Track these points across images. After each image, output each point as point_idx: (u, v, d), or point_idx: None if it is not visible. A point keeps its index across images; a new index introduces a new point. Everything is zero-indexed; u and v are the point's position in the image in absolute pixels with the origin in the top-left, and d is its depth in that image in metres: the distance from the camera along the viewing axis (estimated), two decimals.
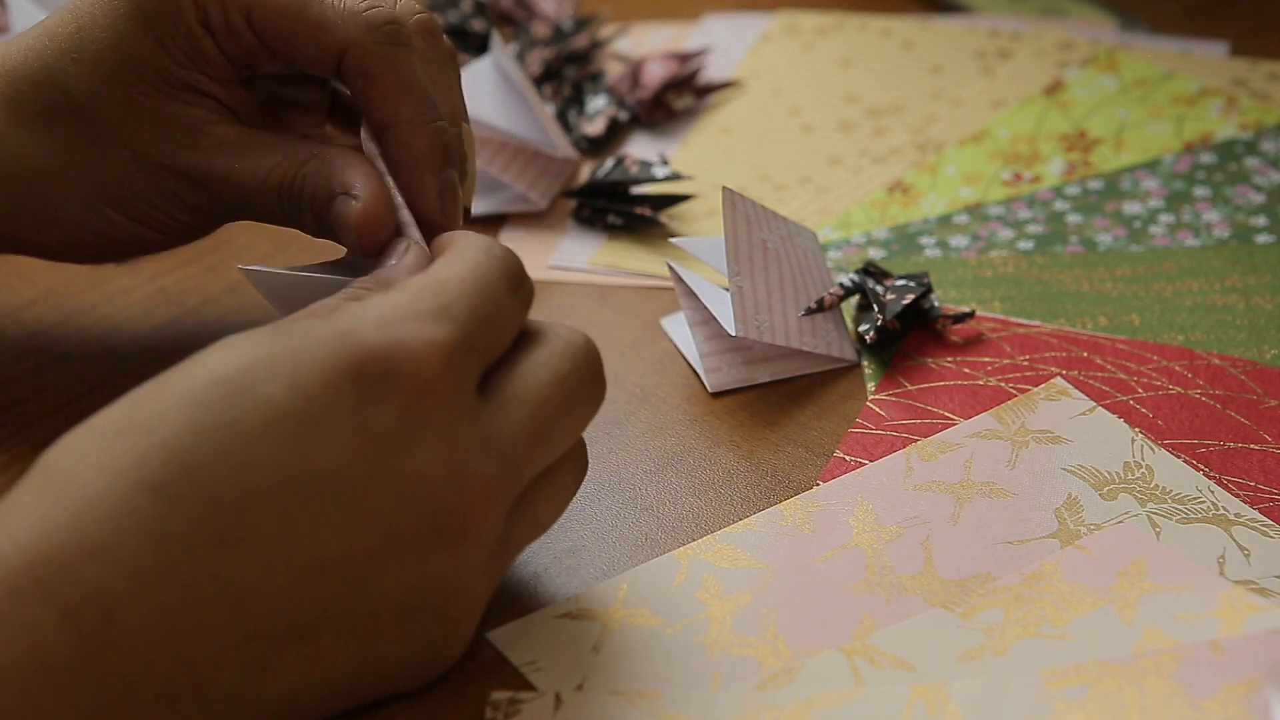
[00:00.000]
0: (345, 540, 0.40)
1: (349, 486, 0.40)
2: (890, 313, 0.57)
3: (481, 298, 0.43)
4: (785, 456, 0.54)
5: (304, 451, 0.39)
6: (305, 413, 0.39)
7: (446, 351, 0.41)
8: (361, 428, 0.40)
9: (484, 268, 0.44)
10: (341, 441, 0.40)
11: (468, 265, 0.44)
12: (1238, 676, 0.42)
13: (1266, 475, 0.51)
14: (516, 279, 0.45)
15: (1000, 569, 0.48)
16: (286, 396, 0.39)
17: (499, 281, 0.44)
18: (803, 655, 0.45)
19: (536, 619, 0.47)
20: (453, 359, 0.41)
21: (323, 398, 0.40)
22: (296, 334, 0.41)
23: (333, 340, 0.40)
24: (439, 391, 0.41)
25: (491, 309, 0.43)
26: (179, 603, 0.38)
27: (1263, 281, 0.61)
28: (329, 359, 0.40)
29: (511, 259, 0.45)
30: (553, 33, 0.80)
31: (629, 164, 0.67)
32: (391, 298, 0.42)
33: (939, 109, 0.75)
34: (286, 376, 0.39)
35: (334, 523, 0.40)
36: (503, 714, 0.43)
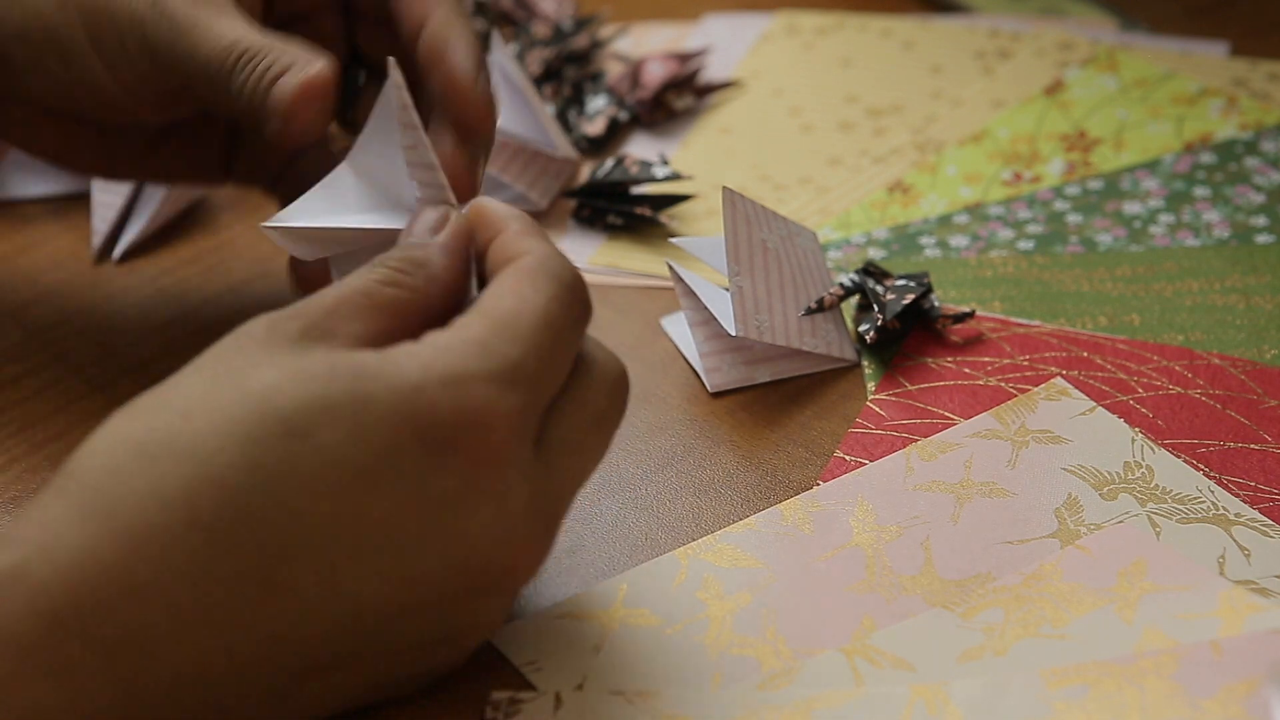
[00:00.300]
0: (386, 593, 0.39)
1: (397, 544, 0.39)
2: (890, 313, 0.57)
3: (553, 344, 0.41)
4: (785, 456, 0.54)
5: (358, 505, 0.38)
6: (364, 467, 0.38)
7: (516, 420, 0.40)
8: (420, 488, 0.39)
9: (557, 304, 0.41)
10: (397, 500, 0.38)
11: (542, 301, 0.41)
12: (1238, 676, 0.42)
13: (1266, 475, 0.51)
14: (583, 310, 0.43)
15: (1000, 569, 0.48)
16: (347, 448, 0.38)
17: (568, 319, 0.42)
18: (803, 655, 0.45)
19: (536, 619, 0.47)
20: (521, 426, 0.40)
21: (384, 454, 0.38)
22: (363, 378, 0.39)
23: (400, 396, 0.38)
24: (502, 459, 0.39)
25: (559, 355, 0.41)
26: (218, 647, 0.37)
27: (1263, 281, 0.61)
28: (394, 415, 0.38)
29: (581, 288, 0.43)
30: (553, 33, 0.80)
31: (629, 164, 0.67)
32: (462, 346, 0.40)
33: (939, 109, 0.75)
34: (349, 426, 0.38)
35: (378, 576, 0.39)
36: (503, 714, 0.43)
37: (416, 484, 0.39)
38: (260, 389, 0.38)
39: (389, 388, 0.38)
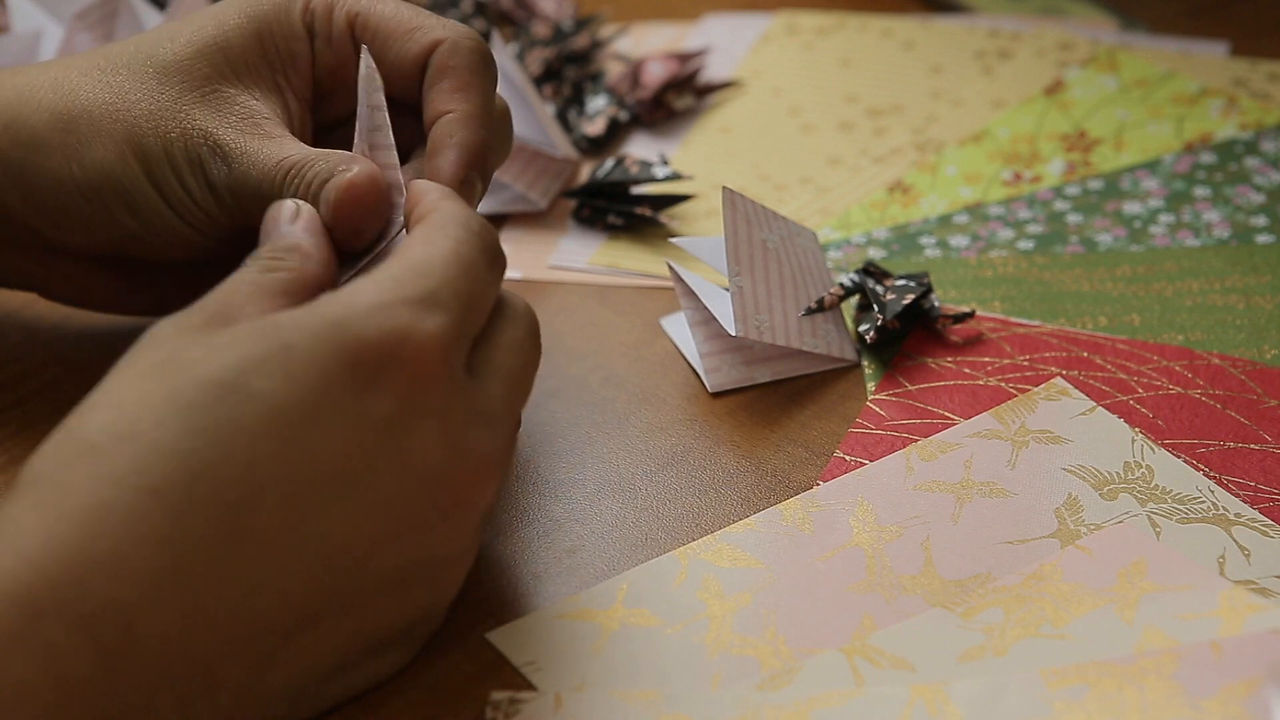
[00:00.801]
0: (350, 527, 0.40)
1: (351, 475, 0.40)
2: (890, 313, 0.57)
3: (466, 279, 0.43)
4: (785, 456, 0.54)
5: (305, 444, 0.39)
6: (303, 406, 0.39)
7: (441, 339, 0.41)
8: (360, 417, 0.40)
9: (466, 246, 0.44)
10: (341, 431, 0.40)
11: (450, 244, 0.44)
12: (1238, 676, 0.42)
13: (1266, 475, 0.51)
14: (494, 254, 0.45)
15: (1000, 569, 0.48)
16: (283, 391, 0.39)
17: (480, 259, 0.44)
18: (803, 655, 0.45)
19: (536, 619, 0.47)
20: (447, 345, 0.41)
21: (319, 390, 0.40)
22: (282, 327, 0.40)
23: (325, 332, 0.40)
24: (436, 376, 0.41)
25: (475, 289, 0.44)
26: (194, 607, 0.38)
27: (1263, 281, 0.61)
28: (323, 351, 0.40)
29: (490, 234, 0.45)
30: (553, 33, 0.80)
31: (629, 164, 0.67)
32: (377, 282, 0.42)
33: (939, 109, 0.75)
34: (280, 372, 0.39)
35: (339, 511, 0.40)
36: (503, 714, 0.43)
37: (355, 412, 0.40)
38: (187, 365, 0.40)
39: (311, 330, 0.40)
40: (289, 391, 0.39)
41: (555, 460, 0.54)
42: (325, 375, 0.40)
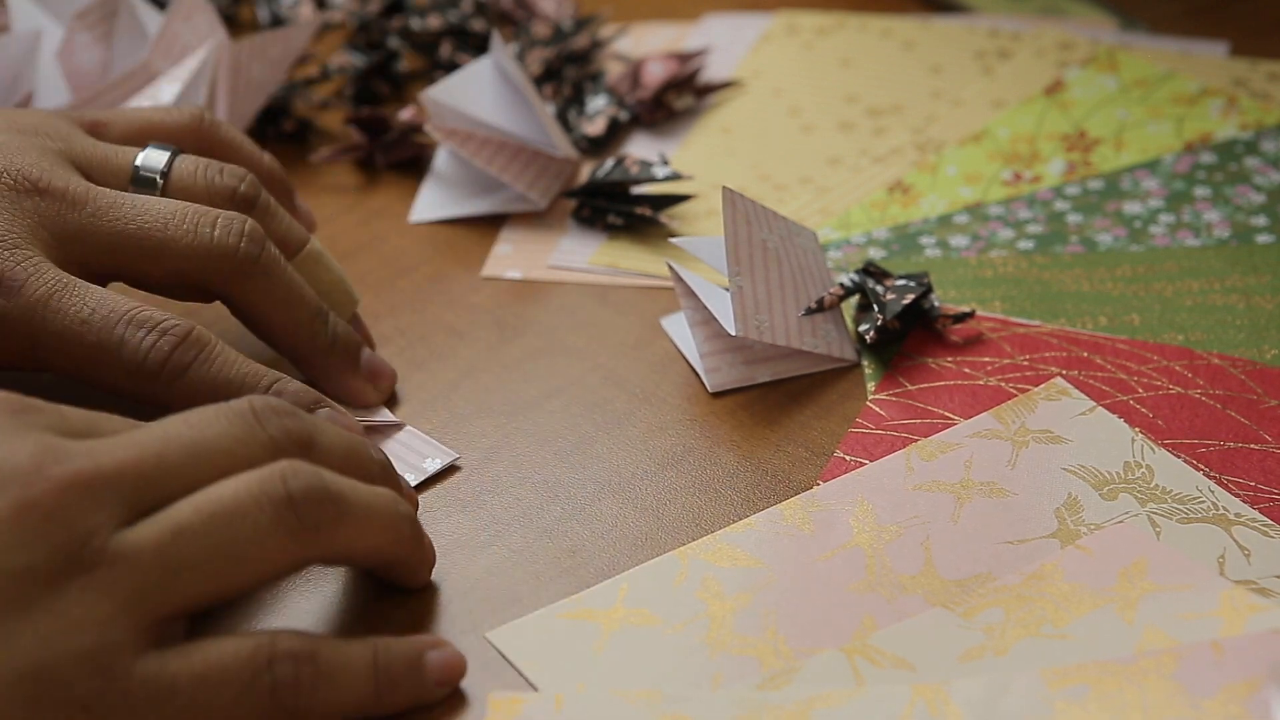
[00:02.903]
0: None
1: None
2: (890, 313, 0.57)
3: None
4: (785, 456, 0.54)
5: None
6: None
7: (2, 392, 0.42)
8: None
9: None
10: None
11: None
12: (1238, 676, 0.42)
13: (1266, 475, 0.51)
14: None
15: (1000, 569, 0.48)
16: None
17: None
18: (803, 655, 0.45)
19: (536, 619, 0.47)
20: (6, 397, 0.42)
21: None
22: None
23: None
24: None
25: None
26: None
27: (1263, 281, 0.61)
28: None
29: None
30: (553, 33, 0.80)
31: (629, 164, 0.67)
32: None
33: (939, 109, 0.75)
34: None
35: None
36: (503, 714, 0.43)
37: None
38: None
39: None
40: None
41: (555, 460, 0.54)
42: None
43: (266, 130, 0.74)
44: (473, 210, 0.68)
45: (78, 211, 0.52)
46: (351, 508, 0.44)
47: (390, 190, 0.70)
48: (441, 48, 0.79)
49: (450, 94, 0.68)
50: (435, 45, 0.80)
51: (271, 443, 0.44)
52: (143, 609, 0.40)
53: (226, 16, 0.83)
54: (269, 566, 0.42)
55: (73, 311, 0.50)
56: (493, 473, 0.53)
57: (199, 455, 0.43)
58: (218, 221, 0.53)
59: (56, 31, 0.69)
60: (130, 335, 0.50)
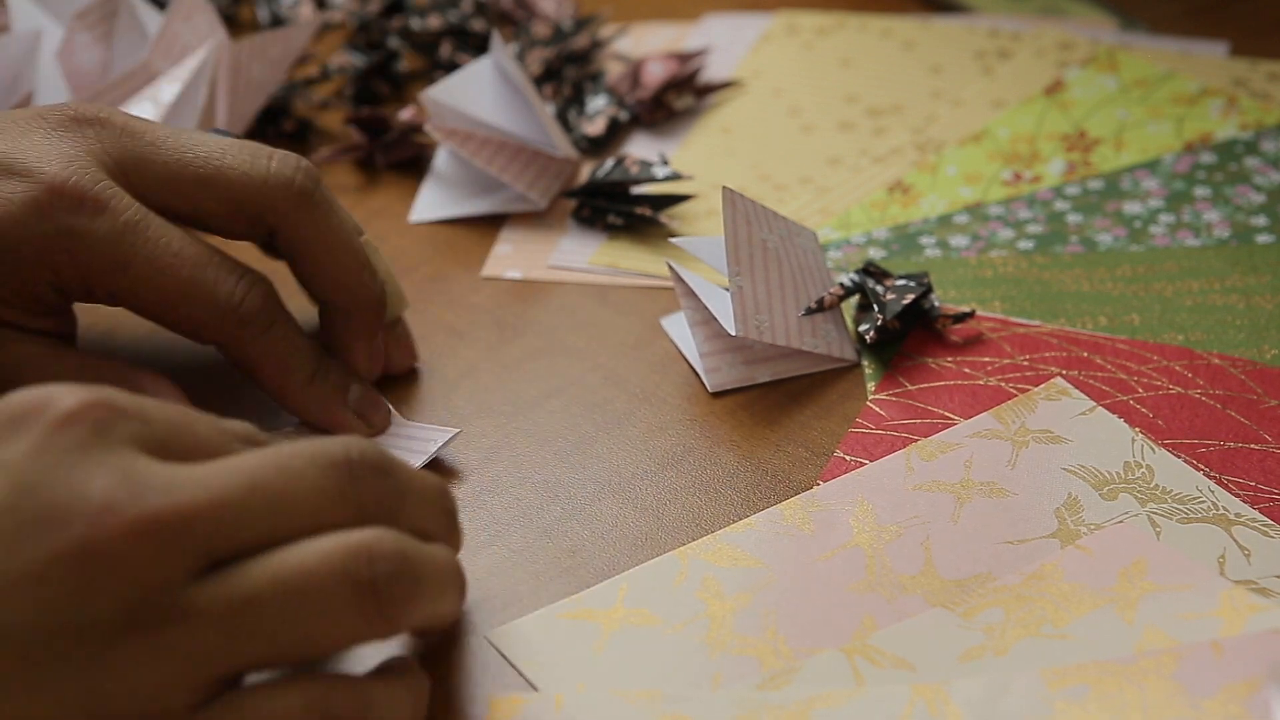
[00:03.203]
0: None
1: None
2: (890, 313, 0.57)
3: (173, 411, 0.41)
4: (785, 456, 0.54)
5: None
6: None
7: (87, 398, 0.39)
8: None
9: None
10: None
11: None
12: (1238, 676, 0.42)
13: (1266, 475, 0.51)
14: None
15: (1000, 569, 0.48)
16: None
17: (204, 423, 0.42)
18: (803, 655, 0.45)
19: (536, 619, 0.47)
20: (93, 404, 0.39)
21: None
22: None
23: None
24: (76, 424, 0.39)
25: (185, 425, 0.41)
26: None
27: (1263, 281, 0.61)
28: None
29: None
30: (553, 33, 0.80)
31: (629, 164, 0.67)
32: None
33: (939, 109, 0.75)
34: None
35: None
36: (503, 714, 0.43)
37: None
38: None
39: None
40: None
41: (555, 460, 0.54)
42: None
43: (266, 130, 0.74)
44: (473, 210, 0.68)
45: (136, 140, 0.51)
46: (427, 588, 0.41)
47: (390, 190, 0.70)
48: (441, 48, 0.79)
49: (450, 94, 0.68)
50: (435, 45, 0.80)
51: (360, 509, 0.41)
52: (202, 672, 0.38)
53: (226, 16, 0.83)
54: (337, 644, 0.40)
55: (164, 242, 0.49)
56: (493, 473, 0.53)
57: (284, 509, 0.40)
58: (275, 154, 0.53)
59: (56, 31, 0.69)
60: (224, 278, 0.50)
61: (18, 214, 0.48)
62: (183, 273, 0.49)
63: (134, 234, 0.49)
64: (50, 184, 0.49)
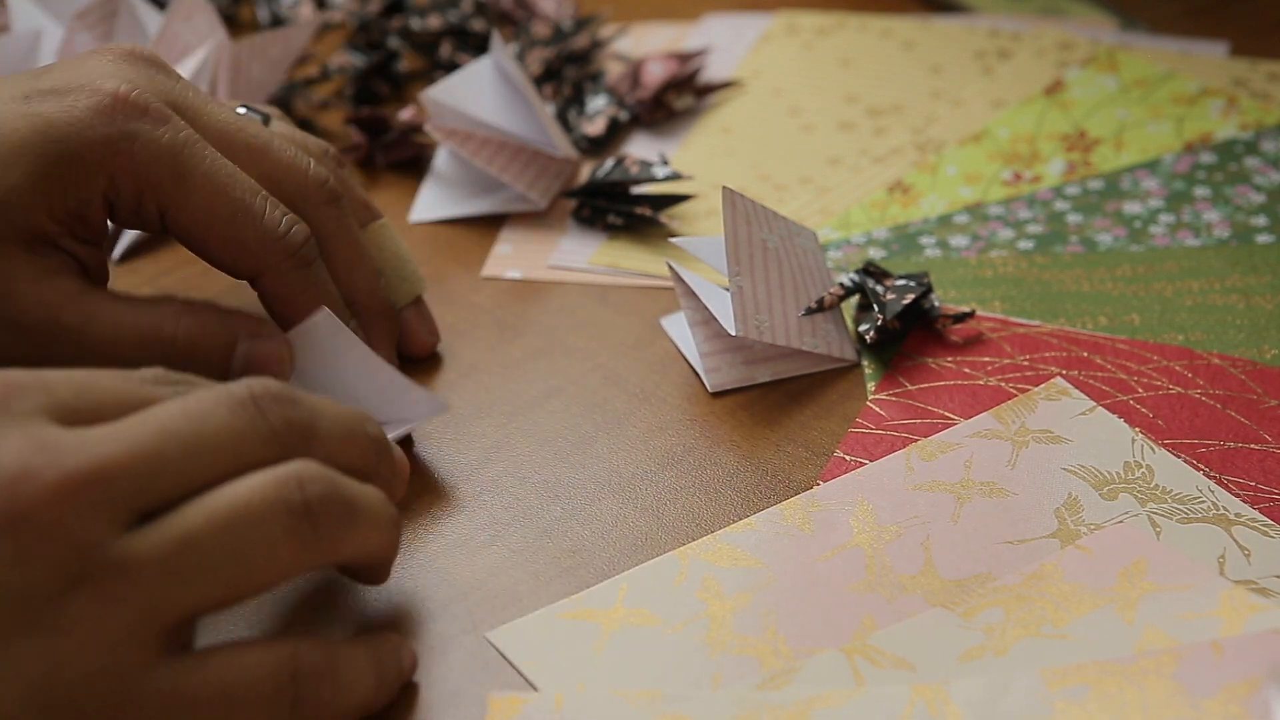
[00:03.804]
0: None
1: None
2: (890, 313, 0.57)
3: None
4: (785, 456, 0.54)
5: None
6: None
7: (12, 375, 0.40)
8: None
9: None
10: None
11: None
12: (1238, 676, 0.42)
13: (1266, 475, 0.51)
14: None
15: (1000, 569, 0.48)
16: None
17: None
18: (803, 655, 0.45)
19: (536, 619, 0.47)
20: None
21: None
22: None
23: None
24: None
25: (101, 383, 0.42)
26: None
27: (1263, 281, 0.61)
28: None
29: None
30: (553, 33, 0.80)
31: (629, 164, 0.67)
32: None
33: (939, 109, 0.75)
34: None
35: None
36: (503, 714, 0.43)
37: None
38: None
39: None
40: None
41: (555, 460, 0.54)
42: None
43: None
44: (473, 210, 0.68)
45: (194, 93, 0.53)
46: (360, 515, 0.42)
47: (390, 190, 0.70)
48: (441, 48, 0.79)
49: (450, 94, 0.68)
50: (435, 45, 0.80)
51: (273, 435, 0.42)
52: (153, 621, 0.39)
53: (226, 16, 0.83)
54: (278, 574, 0.41)
55: (220, 163, 0.51)
56: (493, 473, 0.53)
57: (200, 452, 0.40)
58: (314, 152, 0.55)
59: (56, 31, 0.69)
60: (271, 209, 0.51)
61: (83, 117, 0.49)
62: (235, 193, 0.50)
63: (195, 147, 0.50)
64: (115, 93, 0.50)
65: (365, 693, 0.43)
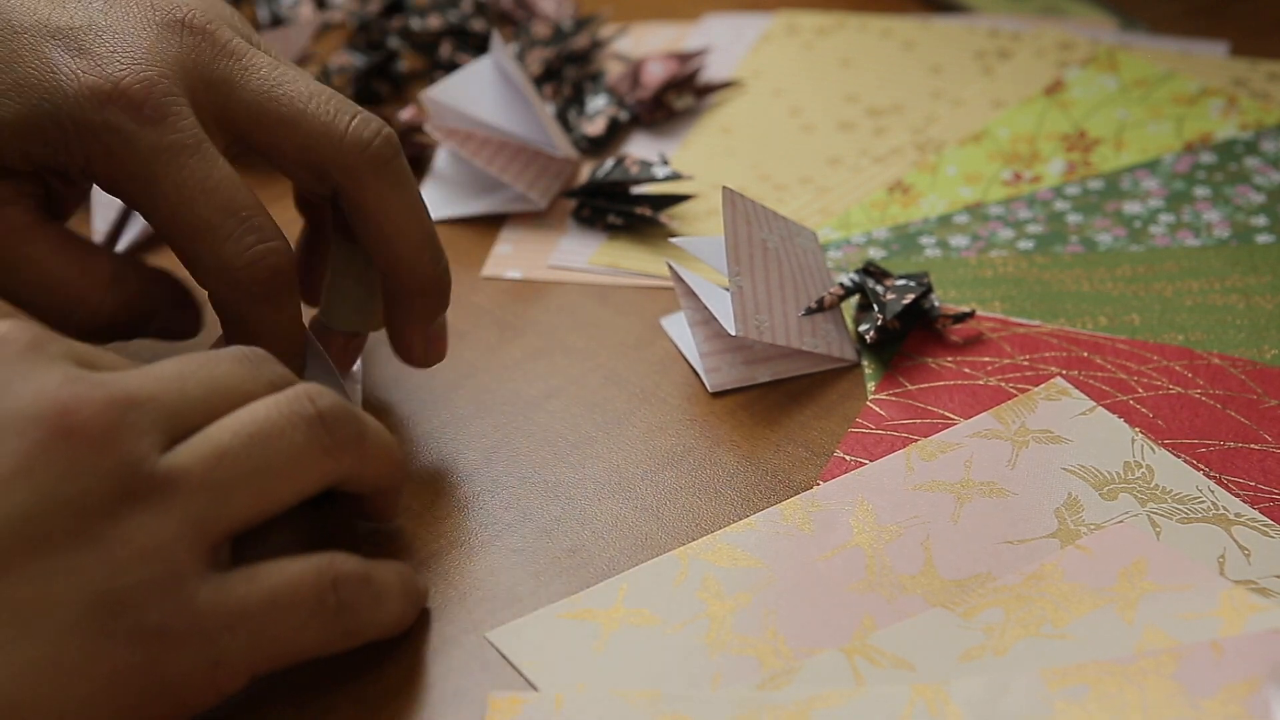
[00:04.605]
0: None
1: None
2: (890, 313, 0.57)
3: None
4: (785, 456, 0.54)
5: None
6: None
7: (18, 322, 0.42)
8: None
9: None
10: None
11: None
12: (1238, 676, 0.42)
13: (1266, 475, 0.51)
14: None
15: (1000, 569, 0.48)
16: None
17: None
18: (803, 655, 0.45)
19: (536, 619, 0.47)
20: (22, 327, 0.41)
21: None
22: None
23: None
24: (11, 343, 0.41)
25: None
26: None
27: (1263, 281, 0.61)
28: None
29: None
30: (553, 33, 0.80)
31: (629, 164, 0.67)
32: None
33: (939, 109, 0.75)
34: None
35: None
36: (503, 714, 0.43)
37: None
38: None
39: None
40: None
41: (555, 460, 0.54)
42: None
43: None
44: (473, 210, 0.68)
45: (233, 61, 0.51)
46: (368, 428, 0.45)
47: None
48: (441, 48, 0.79)
49: (450, 94, 0.68)
50: (435, 45, 0.80)
51: (270, 385, 0.45)
52: (201, 531, 0.41)
53: None
54: (307, 482, 0.43)
55: (199, 176, 0.49)
56: (493, 473, 0.53)
57: (215, 389, 0.43)
58: (359, 114, 0.51)
59: None
60: (242, 235, 0.49)
61: (78, 93, 0.48)
62: (202, 211, 0.48)
63: (174, 156, 0.48)
64: (119, 82, 0.48)
65: (396, 607, 0.45)
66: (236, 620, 0.41)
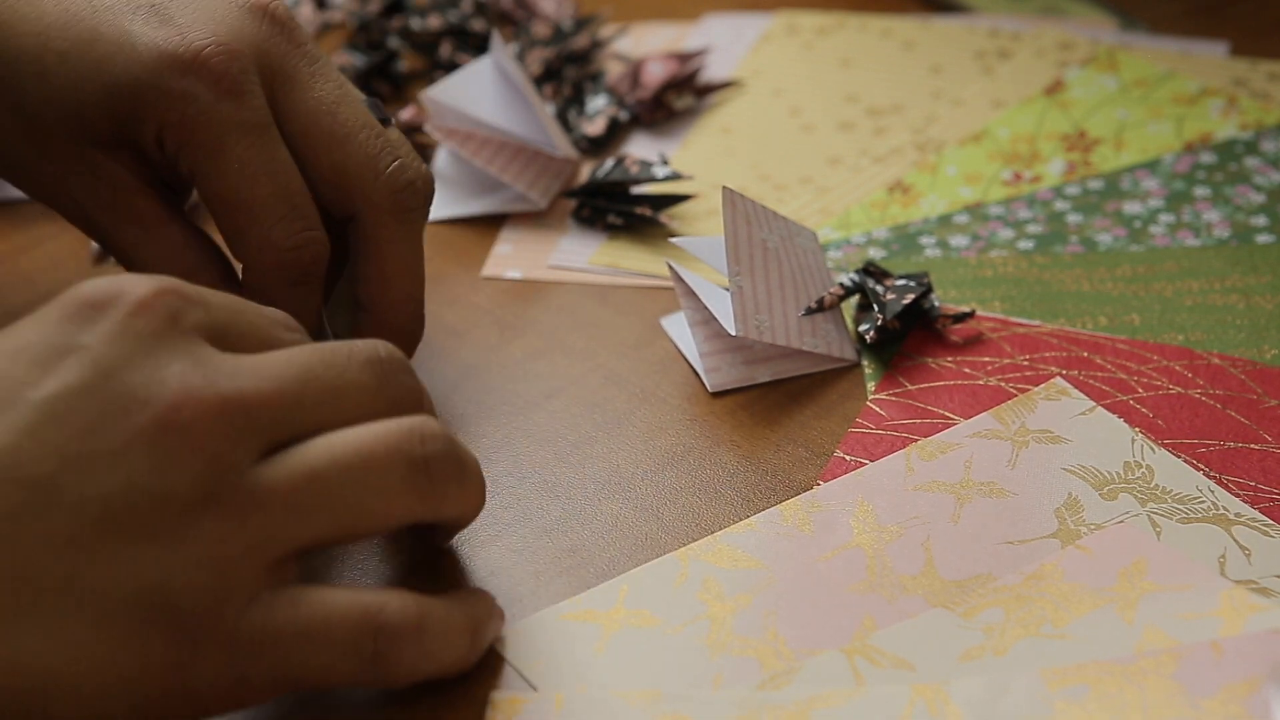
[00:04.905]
0: (38, 444, 0.39)
1: (68, 407, 0.39)
2: (890, 312, 0.57)
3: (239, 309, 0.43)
4: (785, 456, 0.54)
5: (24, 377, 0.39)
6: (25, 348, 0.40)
7: (159, 286, 0.41)
8: (67, 346, 0.40)
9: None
10: (44, 360, 0.40)
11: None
12: (1238, 676, 0.42)
13: (1266, 475, 0.51)
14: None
15: (1001, 569, 0.48)
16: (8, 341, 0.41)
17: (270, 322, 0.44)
18: (803, 655, 0.45)
19: (536, 619, 0.47)
20: (164, 292, 0.41)
21: (36, 329, 0.41)
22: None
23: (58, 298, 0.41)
24: (149, 311, 0.41)
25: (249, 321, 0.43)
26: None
27: (1263, 281, 0.61)
28: (50, 308, 0.41)
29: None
30: (553, 33, 0.80)
31: (629, 164, 0.67)
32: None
33: (939, 109, 0.75)
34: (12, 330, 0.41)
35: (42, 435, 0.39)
36: (503, 714, 0.43)
37: (63, 343, 0.40)
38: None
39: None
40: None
41: (555, 460, 0.54)
42: (42, 319, 0.41)
43: None
44: (473, 210, 0.68)
45: (305, 62, 0.52)
46: (469, 473, 0.44)
47: None
48: (441, 48, 0.79)
49: (450, 94, 0.68)
50: (435, 45, 0.80)
51: (390, 403, 0.44)
52: (267, 550, 0.40)
53: None
54: (390, 521, 0.42)
55: (265, 156, 0.50)
56: (493, 473, 0.53)
57: (332, 399, 0.42)
58: (399, 159, 0.52)
59: None
60: (291, 220, 0.50)
61: (158, 61, 0.49)
62: (259, 190, 0.50)
63: (245, 133, 0.49)
64: (199, 51, 0.49)
65: (449, 656, 0.43)
66: (268, 644, 0.40)
